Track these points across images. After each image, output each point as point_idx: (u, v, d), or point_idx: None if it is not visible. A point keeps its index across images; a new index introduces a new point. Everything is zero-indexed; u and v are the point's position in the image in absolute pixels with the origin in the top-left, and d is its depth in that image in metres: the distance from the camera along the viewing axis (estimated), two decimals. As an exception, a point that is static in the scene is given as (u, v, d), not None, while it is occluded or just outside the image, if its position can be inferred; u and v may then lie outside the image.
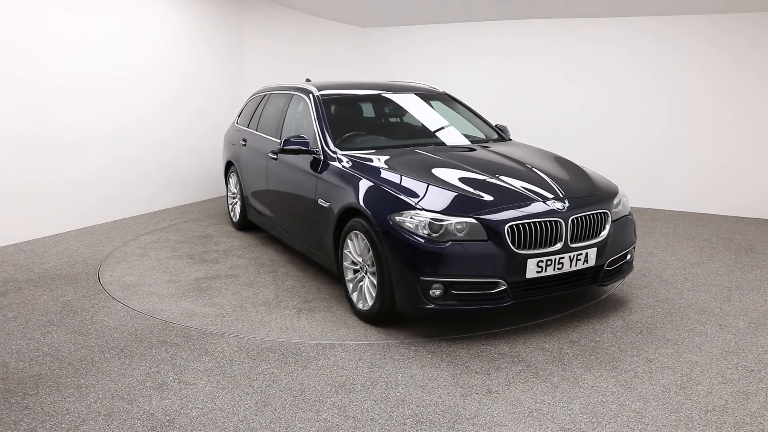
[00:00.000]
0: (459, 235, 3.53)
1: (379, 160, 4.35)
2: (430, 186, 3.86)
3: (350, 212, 4.03)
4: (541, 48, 8.27)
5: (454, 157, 4.44)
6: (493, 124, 5.53)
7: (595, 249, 3.80)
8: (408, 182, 3.92)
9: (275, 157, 5.28)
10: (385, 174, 4.07)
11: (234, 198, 6.54)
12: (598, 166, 8.07)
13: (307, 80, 6.27)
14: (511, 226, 3.56)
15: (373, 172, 4.12)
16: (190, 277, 5.03)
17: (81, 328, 3.93)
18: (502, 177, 4.03)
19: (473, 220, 3.55)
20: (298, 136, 4.71)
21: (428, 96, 5.57)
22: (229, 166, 6.64)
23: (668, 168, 7.68)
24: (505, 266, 3.55)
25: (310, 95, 5.19)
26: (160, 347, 3.66)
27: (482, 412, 2.94)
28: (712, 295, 4.55)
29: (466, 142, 5.05)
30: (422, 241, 3.52)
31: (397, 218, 3.63)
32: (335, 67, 9.39)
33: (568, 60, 8.11)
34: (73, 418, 2.89)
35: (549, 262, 3.63)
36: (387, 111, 5.56)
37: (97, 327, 3.96)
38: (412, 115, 5.51)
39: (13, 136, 5.77)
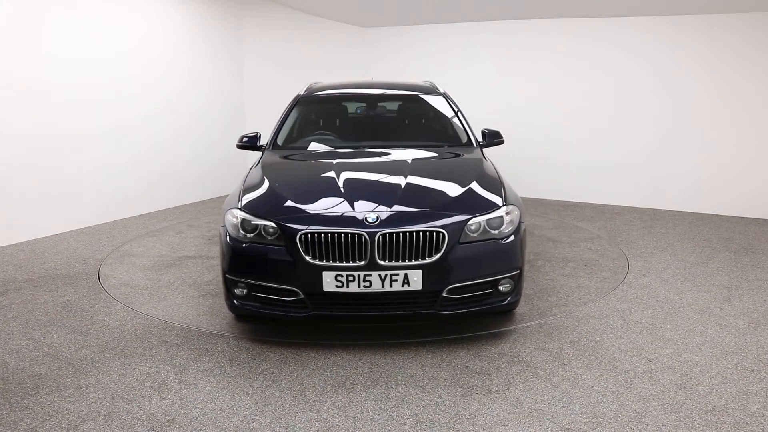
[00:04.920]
0: (269, 238, 3.51)
1: (282, 161, 4.50)
2: (276, 189, 3.85)
3: None
4: (541, 48, 8.27)
5: (346, 164, 4.29)
6: (482, 128, 5.24)
7: (419, 271, 3.40)
8: (264, 184, 3.94)
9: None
10: (258, 175, 4.11)
11: None
12: (598, 165, 8.10)
13: (371, 78, 6.89)
14: (305, 234, 3.41)
15: (255, 173, 4.19)
16: (180, 254, 5.45)
17: (81, 328, 3.93)
18: (350, 185, 3.83)
19: (274, 225, 3.50)
20: (253, 134, 4.95)
21: (417, 97, 5.42)
22: None
23: (668, 168, 7.68)
24: (299, 275, 3.43)
25: (299, 93, 5.35)
26: (160, 347, 3.66)
27: (482, 412, 2.94)
28: (712, 295, 4.55)
29: (413, 146, 4.79)
30: (228, 240, 3.63)
31: (227, 215, 3.74)
32: (335, 67, 9.39)
33: (568, 60, 8.11)
34: (73, 418, 2.89)
35: (351, 278, 3.37)
36: (359, 112, 5.56)
37: (97, 327, 3.96)
38: (384, 117, 5.47)
39: (13, 136, 5.77)
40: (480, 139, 5.09)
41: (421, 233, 3.41)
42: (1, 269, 5.14)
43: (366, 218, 3.45)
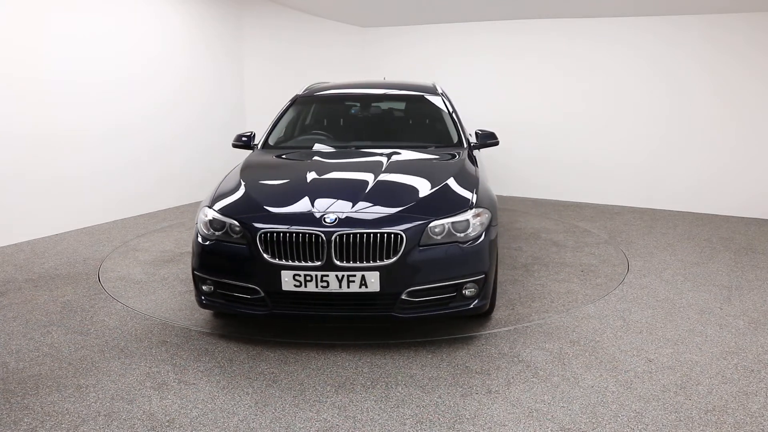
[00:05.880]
0: (234, 236, 3.54)
1: (263, 161, 4.60)
2: (245, 188, 3.90)
3: None
4: (541, 48, 8.27)
5: (323, 164, 4.30)
6: (476, 129, 5.17)
7: (377, 273, 3.36)
8: (238, 184, 3.98)
9: None
10: (235, 175, 4.17)
11: None
12: (598, 165, 8.10)
13: (384, 78, 7.11)
14: (265, 233, 3.43)
15: (233, 172, 4.26)
16: (184, 250, 5.59)
17: (81, 328, 3.93)
18: (317, 185, 3.84)
19: (238, 223, 3.54)
20: (248, 133, 5.06)
21: (411, 97, 5.43)
22: None
23: (668, 168, 7.68)
24: (259, 274, 3.46)
25: (297, 94, 5.40)
26: (160, 347, 3.66)
27: (482, 412, 2.94)
28: (712, 295, 4.55)
29: (400, 146, 4.72)
30: (198, 237, 3.70)
31: (199, 213, 3.81)
32: (335, 67, 9.39)
33: (568, 60, 8.11)
34: (73, 418, 2.89)
35: (309, 278, 3.37)
36: (353, 113, 5.56)
37: (97, 327, 3.96)
38: (376, 118, 5.46)
39: (13, 136, 5.76)
40: (473, 139, 5.04)
41: (378, 235, 3.38)
42: (1, 269, 5.14)
43: (324, 218, 3.44)
